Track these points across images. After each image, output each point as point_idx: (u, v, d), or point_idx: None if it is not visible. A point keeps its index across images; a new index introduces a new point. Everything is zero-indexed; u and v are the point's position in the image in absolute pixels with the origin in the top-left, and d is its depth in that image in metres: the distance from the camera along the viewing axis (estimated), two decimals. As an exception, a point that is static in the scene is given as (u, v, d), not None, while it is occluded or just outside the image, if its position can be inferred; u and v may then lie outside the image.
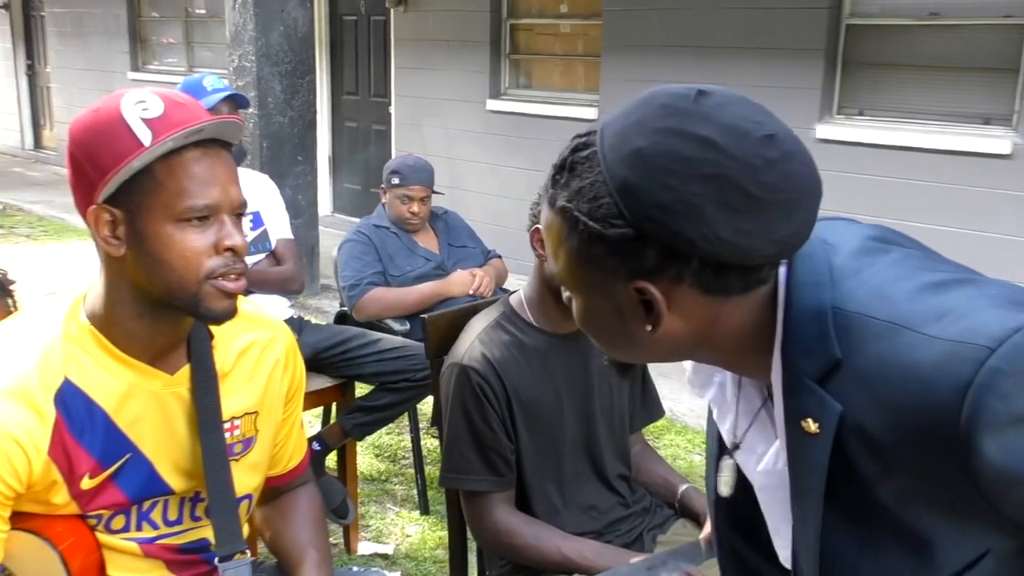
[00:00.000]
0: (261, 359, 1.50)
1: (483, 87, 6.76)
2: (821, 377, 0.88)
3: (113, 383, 1.32)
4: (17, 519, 1.31)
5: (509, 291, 2.15)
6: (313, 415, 3.70)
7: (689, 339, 0.92)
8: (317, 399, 3.10)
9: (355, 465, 3.22)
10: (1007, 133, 4.47)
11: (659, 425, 3.94)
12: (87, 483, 1.33)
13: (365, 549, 3.12)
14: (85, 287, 1.35)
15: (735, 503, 1.11)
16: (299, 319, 3.23)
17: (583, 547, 1.81)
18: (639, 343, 0.94)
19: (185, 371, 1.39)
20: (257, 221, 3.17)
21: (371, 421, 3.09)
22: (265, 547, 1.67)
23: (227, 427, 1.44)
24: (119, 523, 1.40)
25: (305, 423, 3.72)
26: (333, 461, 3.23)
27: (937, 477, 0.83)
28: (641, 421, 2.15)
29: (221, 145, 1.29)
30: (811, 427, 0.89)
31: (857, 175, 4.73)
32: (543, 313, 1.91)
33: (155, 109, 1.23)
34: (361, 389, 3.19)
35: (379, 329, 3.29)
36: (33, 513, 1.33)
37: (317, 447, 3.06)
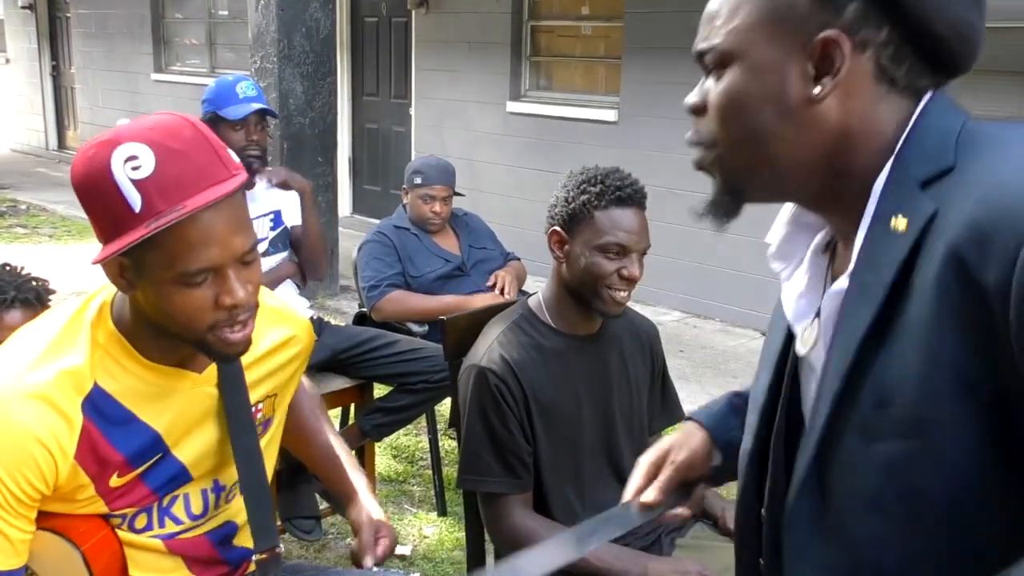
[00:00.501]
0: (284, 352, 1.55)
1: (503, 89, 6.76)
2: (926, 181, 0.88)
3: (143, 387, 1.34)
4: (40, 518, 1.32)
5: (528, 293, 2.14)
6: (331, 416, 3.71)
7: (833, 135, 0.93)
8: (336, 400, 3.12)
9: (373, 466, 3.23)
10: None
11: (676, 428, 3.91)
12: (115, 481, 1.34)
13: (383, 550, 3.12)
14: (112, 290, 1.35)
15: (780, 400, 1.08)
16: (319, 320, 3.24)
17: (601, 550, 1.81)
18: (785, 126, 0.93)
19: (213, 369, 1.41)
20: (277, 221, 3.17)
21: (389, 422, 3.09)
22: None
23: (253, 410, 1.48)
24: (142, 521, 1.41)
25: (324, 423, 3.75)
26: (351, 462, 3.24)
27: (989, 284, 0.79)
28: (660, 423, 2.14)
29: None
30: (900, 224, 0.88)
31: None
32: (561, 315, 1.91)
33: (146, 167, 1.16)
34: (380, 390, 3.19)
35: (397, 330, 3.29)
36: (56, 512, 1.34)
37: (336, 447, 3.07)
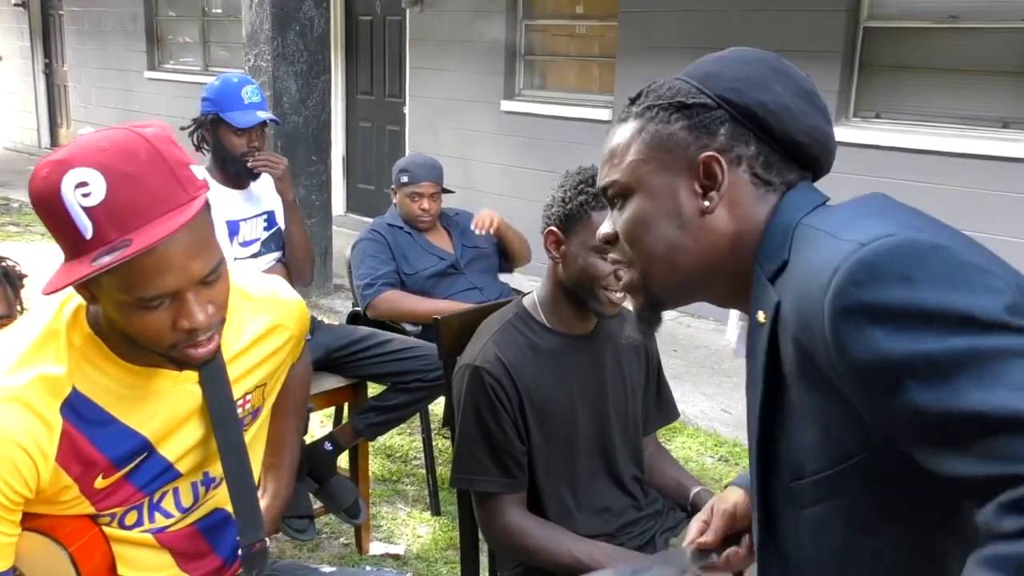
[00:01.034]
0: (274, 340, 1.53)
1: (498, 88, 6.76)
2: (772, 276, 1.02)
3: (123, 389, 1.33)
4: (27, 520, 1.31)
5: (523, 292, 2.14)
6: (325, 415, 3.70)
7: (728, 239, 1.07)
8: (329, 399, 3.11)
9: (367, 465, 3.22)
10: (1026, 137, 4.44)
11: (671, 427, 3.92)
12: (101, 482, 1.33)
13: (376, 549, 3.11)
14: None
15: None
16: (312, 319, 3.22)
17: (595, 549, 1.80)
18: (685, 237, 1.08)
19: None
20: (271, 221, 3.16)
21: (383, 421, 3.08)
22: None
23: (239, 403, 1.46)
24: (132, 518, 1.41)
25: (317, 423, 3.74)
26: (345, 461, 3.23)
27: (822, 363, 0.92)
28: (655, 423, 2.14)
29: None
30: (761, 316, 1.02)
31: (873, 178, 4.70)
32: (556, 314, 1.90)
33: (96, 194, 1.13)
34: (373, 389, 3.19)
35: (391, 329, 3.29)
36: (43, 514, 1.33)
37: (329, 447, 3.06)
